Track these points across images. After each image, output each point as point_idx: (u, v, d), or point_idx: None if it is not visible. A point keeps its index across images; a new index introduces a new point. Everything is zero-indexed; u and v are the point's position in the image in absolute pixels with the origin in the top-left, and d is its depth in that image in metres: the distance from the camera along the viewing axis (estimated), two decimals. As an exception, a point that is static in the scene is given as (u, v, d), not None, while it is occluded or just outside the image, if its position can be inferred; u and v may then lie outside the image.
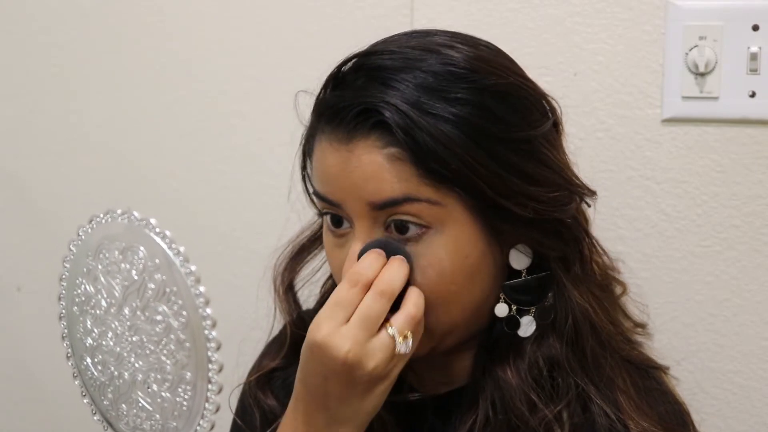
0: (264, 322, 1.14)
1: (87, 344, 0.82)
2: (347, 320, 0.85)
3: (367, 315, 0.85)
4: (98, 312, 0.80)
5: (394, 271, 0.87)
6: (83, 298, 0.81)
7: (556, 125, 0.98)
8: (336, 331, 0.84)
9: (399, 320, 0.86)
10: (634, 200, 1.22)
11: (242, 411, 1.10)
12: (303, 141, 0.99)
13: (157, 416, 0.79)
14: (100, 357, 0.81)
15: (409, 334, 0.86)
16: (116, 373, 0.80)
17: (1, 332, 1.59)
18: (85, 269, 0.81)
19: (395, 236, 0.89)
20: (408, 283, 0.88)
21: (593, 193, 0.99)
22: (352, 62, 0.93)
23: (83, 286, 0.81)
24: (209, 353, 0.74)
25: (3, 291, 1.57)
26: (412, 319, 0.87)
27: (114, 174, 1.46)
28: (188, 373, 0.76)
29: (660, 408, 0.95)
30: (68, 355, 0.85)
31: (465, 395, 0.97)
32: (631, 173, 1.21)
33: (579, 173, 0.98)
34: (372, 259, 0.88)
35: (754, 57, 1.15)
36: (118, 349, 0.79)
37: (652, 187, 1.21)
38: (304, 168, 1.00)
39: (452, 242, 0.89)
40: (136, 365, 0.79)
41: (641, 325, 1.10)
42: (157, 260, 0.75)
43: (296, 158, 1.01)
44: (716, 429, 1.23)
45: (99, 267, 0.80)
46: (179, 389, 0.77)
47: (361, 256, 0.89)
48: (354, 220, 0.91)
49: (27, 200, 1.53)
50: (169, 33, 1.40)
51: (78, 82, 1.47)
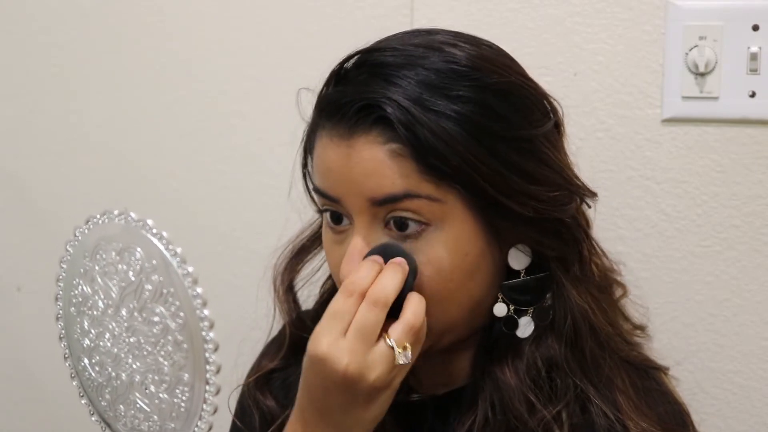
0: (263, 323, 1.14)
1: (84, 345, 0.82)
2: (345, 332, 0.84)
3: (363, 326, 0.84)
4: (95, 313, 0.80)
5: (387, 279, 0.86)
6: (80, 299, 0.81)
7: (558, 126, 0.97)
8: (334, 345, 0.83)
9: (397, 331, 0.85)
10: (634, 200, 1.22)
11: (241, 412, 1.09)
12: (304, 138, 0.98)
13: (155, 417, 0.79)
14: (98, 358, 0.81)
15: (408, 345, 0.85)
16: (114, 374, 0.80)
17: (1, 332, 1.59)
18: (82, 270, 0.81)
19: (394, 233, 0.89)
20: (409, 287, 0.88)
21: (594, 195, 0.98)
22: (355, 59, 0.93)
23: (80, 287, 0.81)
24: (207, 354, 0.74)
25: (3, 291, 1.57)
26: (411, 329, 0.86)
27: (114, 174, 1.46)
28: (186, 375, 0.76)
29: (659, 408, 0.95)
30: (66, 356, 0.85)
31: (464, 396, 0.96)
32: (631, 173, 1.21)
33: (579, 173, 0.98)
34: (368, 268, 0.87)
35: (754, 57, 1.15)
36: (116, 350, 0.79)
37: (652, 187, 1.21)
38: (305, 165, 1.00)
39: (452, 240, 0.89)
40: (134, 366, 0.79)
41: (640, 328, 1.10)
42: (154, 261, 0.75)
43: (297, 156, 1.01)
44: (716, 429, 1.23)
45: (96, 268, 0.80)
46: (177, 390, 0.77)
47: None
48: (353, 217, 0.90)
49: (27, 200, 1.53)
50: (169, 33, 1.40)
51: (78, 82, 1.47)
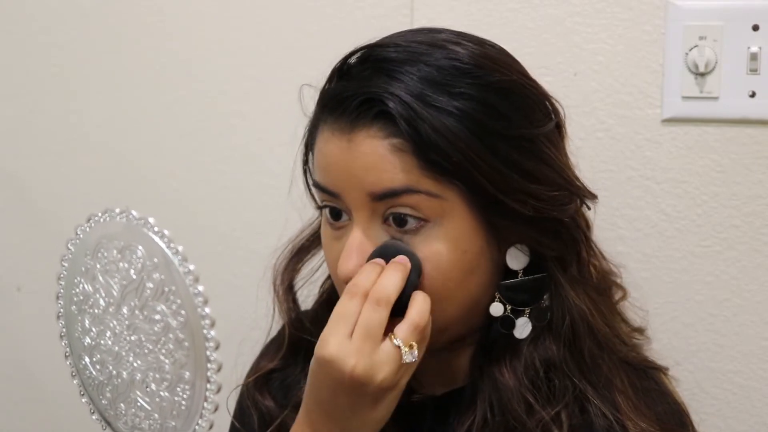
0: (263, 323, 1.13)
1: (85, 343, 0.82)
2: (351, 333, 0.85)
3: (368, 326, 0.85)
4: (96, 311, 0.80)
5: (389, 278, 0.86)
6: (81, 297, 0.81)
7: (560, 128, 0.97)
8: (341, 346, 0.84)
9: (403, 330, 0.86)
10: (634, 200, 1.22)
11: (240, 413, 1.09)
12: (306, 134, 0.98)
13: (156, 415, 0.79)
14: (99, 356, 0.81)
15: (414, 344, 0.86)
16: (115, 373, 0.80)
17: (1, 332, 1.59)
18: (84, 268, 0.81)
19: (393, 229, 0.89)
20: (413, 285, 0.88)
21: (594, 197, 0.98)
22: (358, 54, 0.93)
23: (81, 285, 0.81)
24: (208, 352, 0.74)
25: (3, 291, 1.57)
26: (416, 328, 0.86)
27: (114, 174, 1.46)
28: (187, 373, 0.76)
29: (658, 408, 0.95)
30: (66, 354, 0.85)
31: (463, 396, 0.96)
32: (631, 173, 1.21)
33: (579, 174, 0.98)
34: (369, 270, 0.87)
35: (754, 57, 1.15)
36: (117, 349, 0.79)
37: (652, 187, 1.21)
38: (306, 162, 1.00)
39: (450, 236, 0.89)
40: (135, 364, 0.79)
41: (639, 330, 1.09)
42: (156, 259, 0.75)
43: (298, 154, 1.01)
44: (716, 429, 1.23)
45: (97, 266, 0.80)
46: (178, 388, 0.77)
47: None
48: (353, 212, 0.90)
49: (27, 200, 1.53)
50: (169, 33, 1.40)
51: (78, 82, 1.47)
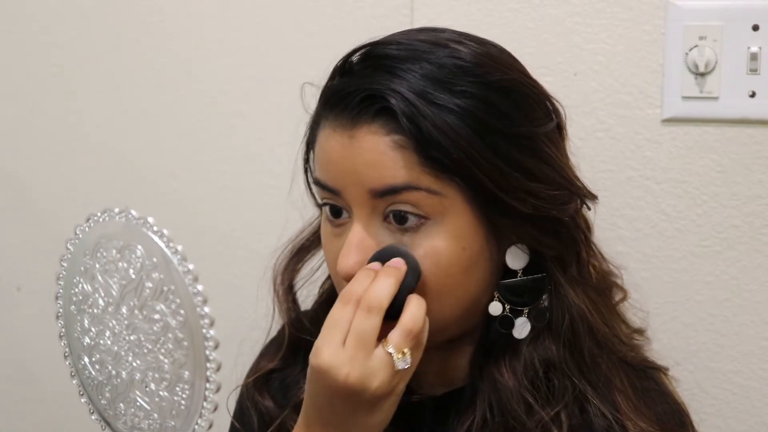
0: (263, 323, 1.13)
1: (84, 343, 0.82)
2: (344, 340, 0.84)
3: (360, 333, 0.84)
4: (96, 311, 0.80)
5: (380, 284, 0.86)
6: (80, 297, 0.81)
7: (560, 128, 0.97)
8: (334, 355, 0.83)
9: (395, 337, 0.85)
10: (634, 200, 1.22)
11: (240, 413, 1.09)
12: (307, 131, 0.98)
13: (155, 415, 0.79)
14: (98, 356, 0.81)
15: (407, 350, 0.85)
16: (114, 372, 0.80)
17: (1, 332, 1.59)
18: (83, 268, 0.81)
19: (393, 227, 0.89)
20: (409, 288, 0.88)
21: (594, 197, 0.98)
22: (360, 52, 0.93)
23: (80, 285, 0.81)
24: (207, 352, 0.74)
25: (3, 291, 1.57)
26: (409, 334, 0.85)
27: (114, 174, 1.46)
28: (186, 372, 0.76)
29: (658, 408, 0.95)
30: (66, 355, 0.85)
31: (462, 396, 0.96)
32: (631, 173, 1.21)
33: (579, 174, 0.98)
34: (363, 276, 0.87)
35: (754, 57, 1.15)
36: (116, 348, 0.79)
37: (652, 187, 1.21)
38: (307, 160, 1.00)
39: (451, 233, 0.89)
40: (134, 364, 0.79)
41: (639, 331, 1.09)
42: (155, 259, 0.75)
43: (299, 152, 1.01)
44: (716, 429, 1.23)
45: (96, 266, 0.80)
46: (177, 388, 0.77)
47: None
48: (353, 209, 0.90)
49: (27, 200, 1.53)
50: (169, 33, 1.40)
51: (78, 82, 1.47)
